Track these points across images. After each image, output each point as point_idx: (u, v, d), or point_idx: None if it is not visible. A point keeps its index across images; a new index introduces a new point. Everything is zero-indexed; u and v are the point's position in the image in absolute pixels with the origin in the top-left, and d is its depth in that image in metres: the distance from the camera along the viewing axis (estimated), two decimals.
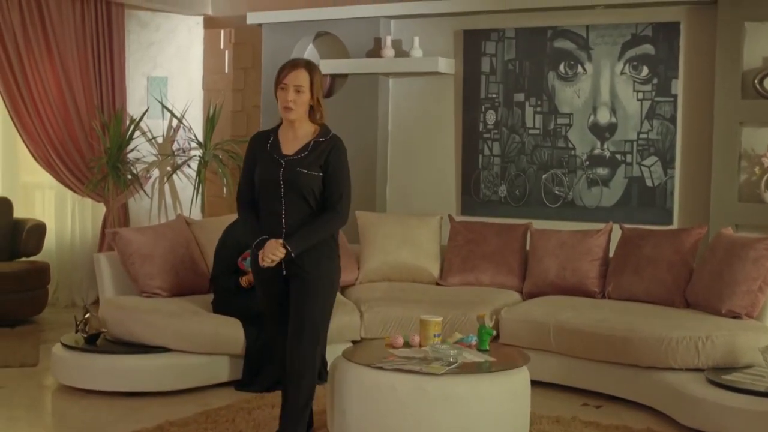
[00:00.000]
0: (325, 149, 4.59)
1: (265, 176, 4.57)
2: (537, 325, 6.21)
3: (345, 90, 8.29)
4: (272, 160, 4.58)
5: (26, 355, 6.92)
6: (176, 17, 9.19)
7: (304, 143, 4.60)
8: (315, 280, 4.59)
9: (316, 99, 4.60)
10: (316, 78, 4.59)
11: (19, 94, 8.41)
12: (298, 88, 4.53)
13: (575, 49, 7.56)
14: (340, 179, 4.61)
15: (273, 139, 4.66)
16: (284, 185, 4.54)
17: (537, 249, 6.99)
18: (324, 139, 4.64)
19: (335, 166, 4.59)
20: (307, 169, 4.54)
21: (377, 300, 6.69)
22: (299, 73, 4.54)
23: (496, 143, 7.87)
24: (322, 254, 4.62)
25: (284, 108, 4.56)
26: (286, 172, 4.54)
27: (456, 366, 4.74)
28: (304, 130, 4.63)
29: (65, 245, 8.98)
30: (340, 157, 4.63)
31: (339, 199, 4.59)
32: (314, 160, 4.56)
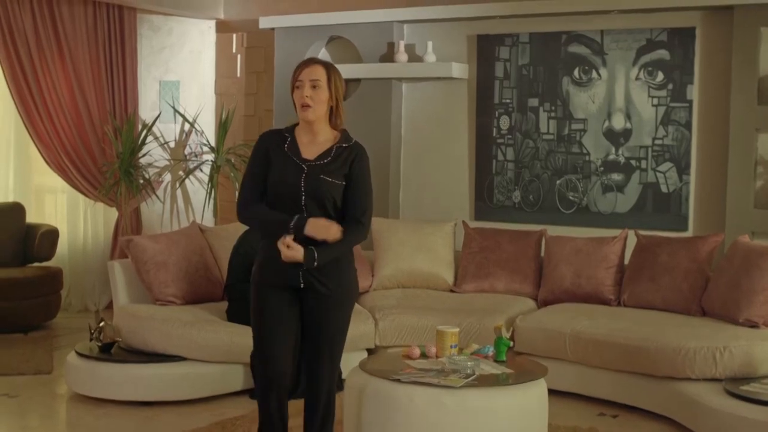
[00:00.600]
0: (348, 157, 4.24)
1: (283, 180, 4.20)
2: (553, 334, 6.18)
3: (358, 95, 8.27)
4: (292, 164, 4.21)
5: (40, 362, 6.91)
6: (188, 21, 9.17)
7: (326, 148, 4.24)
8: (334, 296, 4.31)
9: (335, 100, 4.23)
10: (335, 77, 4.23)
11: (32, 98, 8.41)
12: (314, 83, 4.17)
13: (590, 54, 7.52)
14: (365, 191, 4.30)
15: (291, 140, 4.28)
16: (305, 192, 4.18)
17: (552, 256, 6.96)
18: (347, 145, 4.28)
19: (360, 176, 4.26)
20: (331, 177, 4.20)
21: (392, 308, 6.67)
22: (315, 68, 4.20)
23: (510, 148, 7.83)
24: (340, 267, 4.31)
25: (301, 106, 4.19)
26: (308, 178, 4.18)
27: (474, 378, 4.72)
28: (324, 134, 4.27)
29: (77, 250, 8.97)
30: (364, 166, 4.30)
31: (363, 213, 4.28)
32: (338, 167, 4.22)
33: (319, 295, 4.29)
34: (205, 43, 9.28)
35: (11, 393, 6.16)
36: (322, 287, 4.27)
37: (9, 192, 8.84)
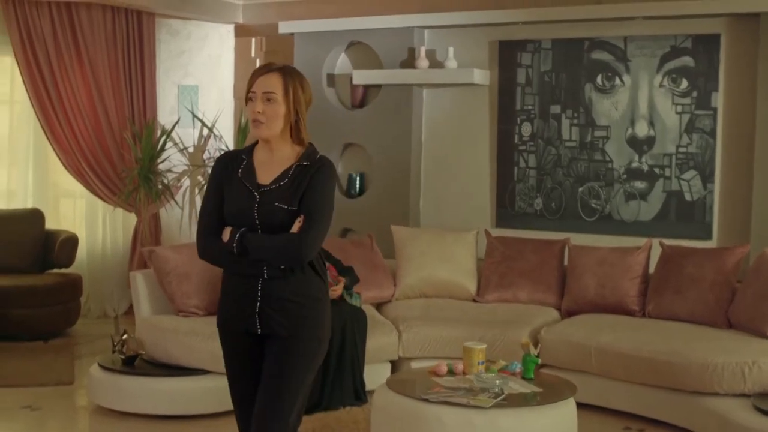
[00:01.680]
0: (307, 176, 3.55)
1: (234, 212, 3.58)
2: (578, 347, 6.13)
3: (378, 101, 8.22)
4: (245, 191, 3.58)
5: (61, 372, 6.89)
6: (207, 25, 9.13)
7: (284, 169, 3.59)
8: (298, 344, 3.58)
9: (296, 113, 3.57)
10: (294, 87, 3.57)
11: (51, 103, 8.39)
12: (268, 95, 3.53)
13: (613, 61, 7.46)
14: (314, 205, 3.51)
15: (246, 162, 3.64)
16: (260, 223, 3.54)
17: (576, 266, 6.91)
18: (308, 162, 3.58)
19: (313, 188, 3.52)
20: (287, 204, 3.52)
21: (415, 319, 6.63)
22: (270, 78, 3.56)
23: (532, 155, 7.78)
24: (309, 308, 3.60)
25: (252, 122, 3.58)
26: (261, 207, 3.54)
27: (503, 398, 4.68)
28: (283, 152, 3.61)
29: (96, 255, 8.95)
30: (322, 180, 3.55)
31: (304, 230, 3.48)
32: (294, 190, 3.54)
33: (279, 339, 3.58)
34: (224, 48, 9.24)
35: (33, 405, 6.15)
36: (282, 328, 3.57)
37: (28, 197, 8.83)
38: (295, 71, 3.65)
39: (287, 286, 3.56)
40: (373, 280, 6.99)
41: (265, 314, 3.57)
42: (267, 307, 3.56)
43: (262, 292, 3.56)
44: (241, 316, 3.60)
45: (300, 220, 3.48)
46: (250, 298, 3.57)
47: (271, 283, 3.55)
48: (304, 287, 3.58)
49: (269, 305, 3.56)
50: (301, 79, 3.64)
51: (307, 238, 3.46)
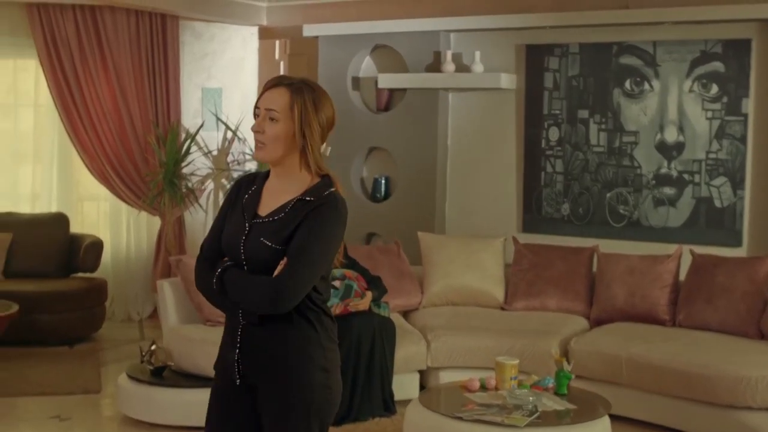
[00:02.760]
0: (305, 211, 3.01)
1: (226, 242, 3.11)
2: (608, 358, 6.08)
3: (403, 104, 8.17)
4: (239, 221, 3.09)
5: (88, 380, 6.88)
6: (231, 28, 9.09)
7: (286, 201, 3.06)
8: (284, 401, 3.03)
9: (301, 134, 3.01)
10: (303, 103, 3.01)
11: (75, 107, 8.38)
12: (270, 113, 3.01)
13: (642, 66, 7.39)
14: (301, 247, 2.96)
15: (255, 189, 3.15)
16: (246, 258, 3.03)
17: (604, 274, 6.85)
18: (312, 198, 3.02)
19: (305, 228, 2.98)
20: (272, 240, 2.99)
21: (443, 328, 6.59)
22: (276, 93, 3.03)
23: (559, 160, 7.72)
24: (291, 366, 3.01)
25: (255, 143, 3.08)
26: (248, 240, 3.04)
27: (537, 416, 4.64)
28: (294, 181, 3.08)
29: (120, 259, 8.94)
30: (319, 220, 2.99)
31: (286, 276, 2.93)
32: (284, 227, 3.00)
33: (264, 397, 3.06)
34: (248, 50, 9.20)
35: (62, 415, 6.13)
36: (263, 385, 3.05)
37: (52, 200, 8.82)
38: (310, 87, 3.07)
39: (267, 337, 3.02)
40: (400, 287, 6.96)
41: (245, 364, 3.05)
42: (246, 356, 3.05)
43: (241, 339, 3.06)
44: (225, 362, 3.12)
45: (283, 263, 2.95)
46: (232, 344, 3.09)
47: (251, 330, 3.04)
48: (289, 339, 3.01)
49: (247, 355, 3.05)
50: (317, 96, 3.05)
51: (283, 284, 2.91)
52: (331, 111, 3.08)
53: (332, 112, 3.09)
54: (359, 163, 8.46)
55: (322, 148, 3.11)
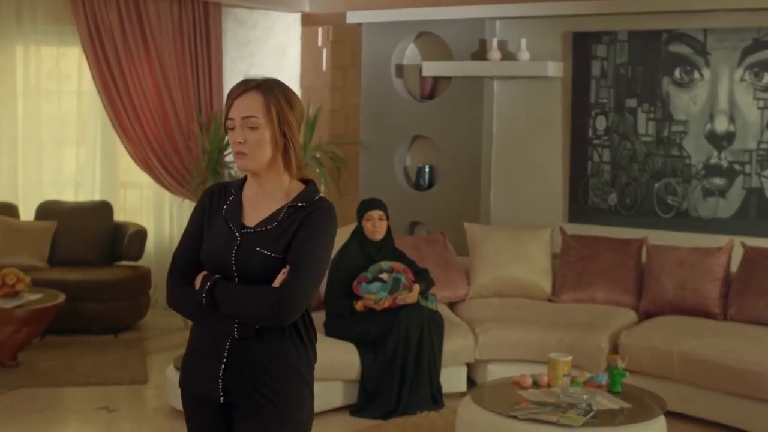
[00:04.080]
0: (300, 217, 2.91)
1: (211, 253, 2.95)
2: (659, 353, 6.00)
3: (448, 92, 8.10)
4: (225, 231, 2.95)
5: (134, 370, 6.89)
6: (274, 14, 9.04)
7: (275, 209, 2.95)
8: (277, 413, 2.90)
9: (285, 137, 2.90)
10: (278, 103, 2.88)
11: (118, 95, 8.36)
12: (248, 121, 2.87)
13: (692, 54, 7.27)
14: (303, 255, 2.86)
15: (233, 199, 3.00)
16: (237, 270, 2.90)
17: (654, 266, 6.77)
18: (304, 204, 2.93)
19: (304, 235, 2.88)
20: (270, 249, 2.88)
21: (490, 321, 6.53)
22: (248, 99, 2.88)
23: (606, 150, 7.62)
24: (284, 383, 2.91)
25: (235, 154, 2.93)
26: (240, 251, 2.91)
27: (592, 416, 4.59)
28: (273, 187, 2.97)
29: (163, 246, 8.94)
30: (316, 225, 2.89)
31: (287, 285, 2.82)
32: (280, 235, 2.90)
33: (246, 415, 2.92)
34: (290, 37, 9.14)
35: (110, 406, 6.14)
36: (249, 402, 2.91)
37: (95, 188, 8.83)
38: (278, 84, 2.95)
39: (261, 351, 2.89)
40: (446, 279, 6.90)
41: (231, 380, 2.90)
42: (233, 372, 2.89)
43: (229, 353, 2.89)
44: (203, 378, 2.94)
45: (284, 272, 2.84)
46: (214, 358, 2.91)
47: (242, 344, 2.89)
48: (282, 354, 2.89)
49: (236, 371, 2.89)
50: (286, 92, 2.94)
51: (289, 294, 2.80)
52: (301, 105, 2.98)
53: (302, 105, 3.00)
54: (402, 152, 8.40)
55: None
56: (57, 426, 5.94)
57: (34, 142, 8.63)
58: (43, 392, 6.40)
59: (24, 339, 6.86)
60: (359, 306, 6.06)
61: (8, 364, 6.83)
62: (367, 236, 6.22)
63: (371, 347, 5.97)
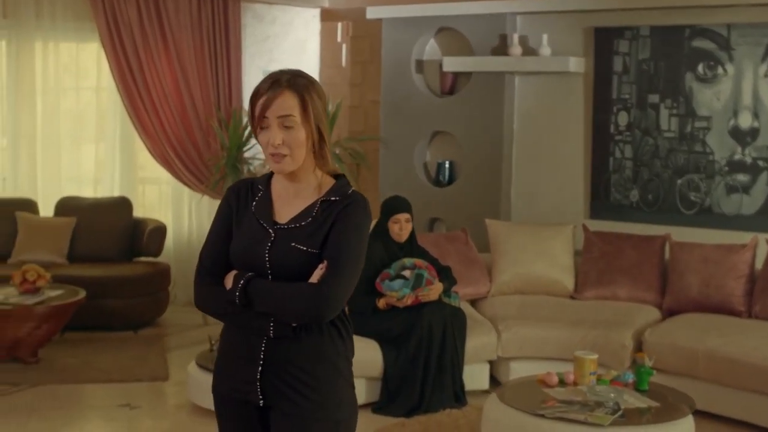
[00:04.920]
0: (335, 212, 2.84)
1: (242, 251, 2.88)
2: (684, 351, 5.95)
3: (468, 88, 8.06)
4: (257, 228, 2.88)
5: (155, 367, 6.87)
6: (293, 10, 9.01)
7: (308, 204, 2.88)
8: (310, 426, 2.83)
9: (317, 132, 2.83)
10: (312, 101, 2.81)
11: (137, 90, 8.35)
12: (285, 120, 2.78)
13: (715, 49, 7.20)
14: (340, 249, 2.79)
15: (262, 195, 2.94)
16: (271, 266, 2.83)
17: (678, 264, 6.71)
18: (337, 198, 2.86)
19: (340, 229, 2.81)
20: (305, 245, 2.82)
21: (513, 318, 6.49)
22: (284, 98, 2.79)
23: (628, 146, 7.57)
24: (324, 380, 2.84)
25: (272, 156, 2.82)
26: (274, 247, 2.84)
27: (620, 414, 4.54)
28: (305, 182, 2.90)
29: (182, 242, 8.93)
30: (352, 219, 2.82)
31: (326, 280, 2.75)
32: (316, 230, 2.83)
33: (286, 417, 2.85)
34: (310, 32, 9.12)
35: (132, 403, 6.13)
36: (288, 403, 2.83)
37: (114, 184, 8.81)
38: (306, 78, 2.86)
39: (298, 350, 2.82)
40: (468, 276, 6.86)
41: (269, 382, 2.82)
42: (270, 373, 2.82)
43: (265, 354, 2.82)
44: (239, 382, 2.87)
45: (322, 267, 2.77)
46: (250, 361, 2.84)
47: (278, 344, 2.82)
48: (320, 352, 2.83)
49: (273, 372, 2.82)
50: (316, 86, 2.86)
51: (328, 289, 2.72)
52: (325, 97, 2.90)
53: (325, 97, 2.91)
54: (422, 147, 8.37)
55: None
56: (79, 423, 5.92)
57: (53, 138, 8.62)
58: (63, 389, 6.40)
59: (44, 335, 6.86)
60: (381, 304, 6.02)
61: (28, 361, 6.82)
62: (392, 237, 6.19)
63: (394, 344, 5.95)
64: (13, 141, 8.48)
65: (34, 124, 8.51)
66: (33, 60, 8.45)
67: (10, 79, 8.41)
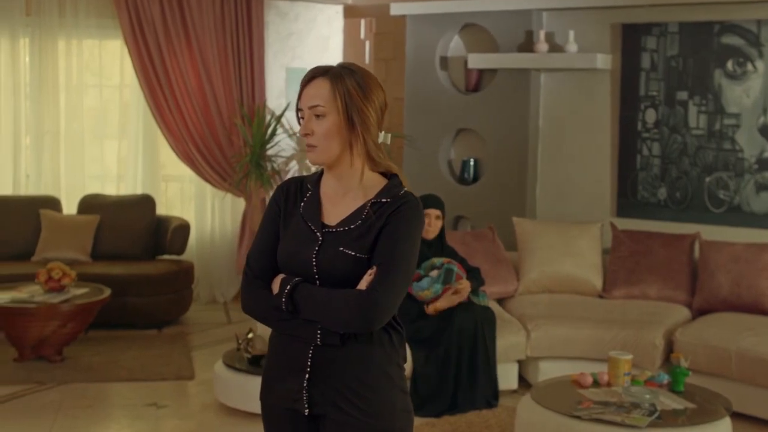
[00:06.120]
0: (386, 214, 2.72)
1: (288, 255, 2.78)
2: (716, 351, 5.89)
3: (494, 85, 7.99)
4: (304, 231, 2.78)
5: (180, 366, 6.83)
6: (316, 6, 8.96)
7: (358, 206, 2.76)
8: (370, 422, 2.73)
9: (350, 123, 2.71)
10: (347, 89, 2.70)
11: (160, 88, 8.33)
12: (315, 110, 2.71)
13: (745, 46, 7.12)
14: (392, 254, 2.67)
15: (311, 195, 2.83)
16: (319, 272, 2.73)
17: (708, 262, 6.65)
18: (389, 199, 2.75)
19: (391, 233, 2.69)
20: (354, 249, 2.71)
21: (542, 317, 6.43)
22: (315, 86, 2.72)
23: (656, 143, 7.49)
24: (374, 388, 2.73)
25: (306, 147, 2.78)
26: (322, 251, 2.73)
27: (657, 416, 4.49)
28: (354, 182, 2.78)
29: (205, 241, 8.90)
30: (404, 223, 2.70)
31: (375, 286, 2.64)
32: (365, 232, 2.72)
33: (335, 427, 2.74)
34: (333, 29, 9.07)
35: (159, 402, 6.09)
36: (337, 412, 2.73)
37: (137, 181, 8.79)
38: (351, 70, 2.74)
39: (347, 357, 2.72)
40: (496, 274, 6.81)
41: (317, 391, 2.73)
42: (319, 382, 2.73)
43: (313, 362, 2.72)
44: (286, 390, 2.78)
45: (371, 273, 2.67)
46: (297, 369, 2.74)
47: (327, 351, 2.72)
48: (370, 360, 2.73)
49: (322, 380, 2.73)
50: (360, 78, 2.72)
51: (380, 296, 2.62)
52: (381, 92, 2.75)
53: (383, 93, 2.76)
54: (447, 145, 8.31)
55: (381, 136, 2.77)
56: (106, 422, 5.89)
57: (77, 135, 8.60)
58: (90, 388, 6.37)
59: (70, 334, 6.84)
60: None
61: (54, 360, 6.80)
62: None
63: (424, 346, 5.89)
64: (36, 139, 8.46)
65: (57, 121, 8.50)
66: (56, 57, 8.43)
67: (34, 76, 8.40)
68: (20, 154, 8.51)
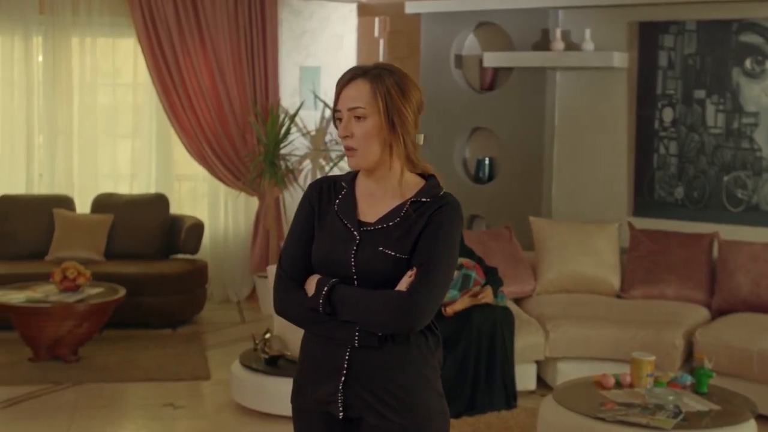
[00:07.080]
0: (426, 214, 2.69)
1: (323, 255, 2.74)
2: (737, 352, 5.85)
3: (509, 84, 7.94)
4: (341, 230, 2.74)
5: (196, 366, 6.80)
6: (330, 5, 8.92)
7: (395, 205, 2.73)
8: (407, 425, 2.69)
9: (391, 124, 2.68)
10: (387, 90, 2.67)
11: (173, 87, 8.30)
12: (356, 112, 2.68)
13: (763, 44, 7.07)
14: (432, 255, 2.64)
15: (346, 193, 2.80)
16: (357, 271, 2.69)
17: (727, 262, 6.60)
18: (428, 199, 2.72)
19: (432, 233, 2.66)
20: (394, 249, 2.67)
21: (560, 317, 6.38)
22: (355, 87, 2.69)
23: (673, 142, 7.45)
24: (412, 391, 2.70)
25: (345, 150, 2.74)
26: (360, 250, 2.70)
27: (682, 418, 4.44)
28: (391, 181, 2.75)
29: (218, 240, 8.87)
30: (445, 223, 2.67)
31: (416, 288, 2.61)
32: (405, 233, 2.68)
33: (377, 428, 2.70)
34: (347, 28, 9.03)
35: (175, 403, 6.06)
36: (374, 416, 2.69)
37: (150, 180, 8.76)
38: (389, 71, 2.71)
39: (384, 359, 2.68)
40: (513, 274, 6.76)
41: (353, 394, 2.69)
42: (355, 384, 2.69)
43: (349, 364, 2.69)
44: (320, 393, 2.74)
45: (411, 274, 2.64)
46: (332, 371, 2.71)
47: (363, 353, 2.68)
48: (407, 362, 2.69)
49: (358, 383, 2.69)
50: (399, 79, 2.69)
51: (419, 298, 2.59)
52: (418, 93, 2.73)
53: (420, 93, 2.74)
54: (462, 144, 8.27)
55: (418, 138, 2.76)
56: (123, 422, 5.87)
57: (90, 134, 8.58)
58: (106, 388, 6.34)
59: (85, 334, 6.81)
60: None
61: (69, 359, 6.77)
62: None
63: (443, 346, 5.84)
64: (49, 138, 8.44)
65: (70, 120, 8.48)
66: (69, 56, 8.41)
67: (47, 75, 8.38)
68: (33, 153, 8.49)
